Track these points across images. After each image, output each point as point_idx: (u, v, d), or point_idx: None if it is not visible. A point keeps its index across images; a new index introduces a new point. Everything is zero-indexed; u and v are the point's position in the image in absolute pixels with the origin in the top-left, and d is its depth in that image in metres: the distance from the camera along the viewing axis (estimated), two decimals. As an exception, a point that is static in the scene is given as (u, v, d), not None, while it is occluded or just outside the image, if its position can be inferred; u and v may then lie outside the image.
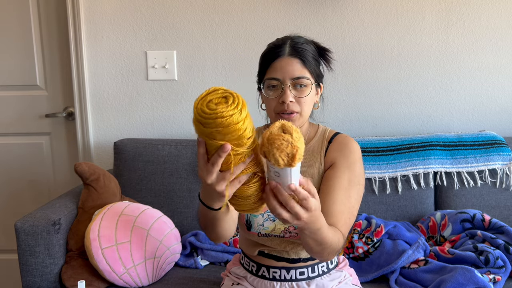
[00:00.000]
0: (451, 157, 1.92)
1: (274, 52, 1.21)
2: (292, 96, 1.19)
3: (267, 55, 1.24)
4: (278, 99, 1.20)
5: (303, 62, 1.20)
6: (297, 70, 1.19)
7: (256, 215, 1.25)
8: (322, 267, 1.29)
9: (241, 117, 0.84)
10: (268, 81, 1.21)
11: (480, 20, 2.05)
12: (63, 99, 2.29)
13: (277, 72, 1.20)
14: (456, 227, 1.77)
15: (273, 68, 1.21)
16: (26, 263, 1.61)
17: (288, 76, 1.19)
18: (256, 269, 1.31)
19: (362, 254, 1.72)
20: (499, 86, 2.10)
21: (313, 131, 1.33)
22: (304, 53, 1.21)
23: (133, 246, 1.60)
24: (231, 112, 0.83)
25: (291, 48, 1.20)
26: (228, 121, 0.82)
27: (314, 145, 1.30)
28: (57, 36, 2.25)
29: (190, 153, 2.00)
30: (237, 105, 0.84)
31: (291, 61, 1.19)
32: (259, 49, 2.14)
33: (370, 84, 2.13)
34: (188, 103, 2.20)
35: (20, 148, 2.33)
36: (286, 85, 1.19)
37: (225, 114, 0.82)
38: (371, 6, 2.08)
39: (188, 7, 2.13)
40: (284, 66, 1.19)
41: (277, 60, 1.20)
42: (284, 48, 1.21)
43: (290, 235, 1.24)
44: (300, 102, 1.20)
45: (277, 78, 1.19)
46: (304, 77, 1.19)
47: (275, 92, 1.21)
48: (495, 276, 1.52)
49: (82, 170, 1.75)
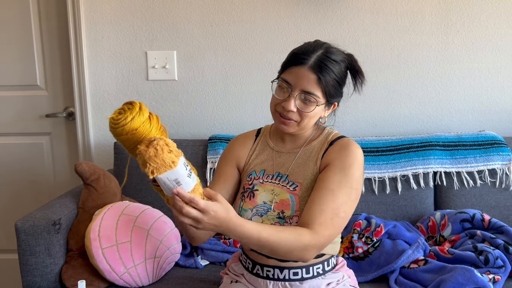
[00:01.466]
0: (450, 157, 1.92)
1: (299, 57, 1.19)
2: (295, 106, 1.19)
3: (293, 57, 1.22)
4: (282, 101, 1.21)
5: (319, 80, 1.17)
6: (310, 85, 1.17)
7: (246, 210, 1.27)
8: (317, 268, 1.28)
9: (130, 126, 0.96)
10: (281, 81, 1.21)
11: (480, 20, 2.06)
12: (63, 99, 2.29)
13: (291, 77, 1.19)
14: (456, 227, 1.77)
15: (290, 71, 1.20)
16: (26, 263, 1.61)
17: (299, 86, 1.18)
18: (252, 267, 1.32)
19: (362, 254, 1.72)
20: (499, 86, 2.10)
21: (317, 133, 1.33)
22: (326, 71, 1.18)
23: (133, 246, 1.60)
24: (123, 122, 0.96)
25: (316, 61, 1.17)
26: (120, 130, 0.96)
27: (314, 146, 1.30)
28: (57, 36, 2.25)
29: (190, 153, 2.00)
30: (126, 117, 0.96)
31: (307, 74, 1.17)
32: (259, 49, 2.16)
33: (370, 84, 2.12)
34: (188, 103, 2.20)
35: (20, 148, 2.34)
36: (293, 94, 1.18)
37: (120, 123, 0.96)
38: (371, 6, 2.08)
39: (188, 7, 2.13)
40: (300, 76, 1.18)
41: (297, 66, 1.18)
42: (310, 58, 1.18)
43: None
44: (302, 114, 1.20)
45: (289, 83, 1.19)
46: (313, 94, 1.18)
47: (283, 94, 1.21)
48: (494, 276, 1.52)
49: (82, 170, 1.75)
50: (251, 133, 1.42)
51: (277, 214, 1.25)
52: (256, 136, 1.40)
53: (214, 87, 2.18)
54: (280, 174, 1.30)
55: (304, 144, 1.31)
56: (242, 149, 1.37)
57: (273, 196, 1.27)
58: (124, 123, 0.96)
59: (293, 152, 1.31)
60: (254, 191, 1.29)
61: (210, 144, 2.01)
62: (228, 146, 1.41)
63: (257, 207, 1.27)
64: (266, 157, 1.34)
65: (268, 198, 1.27)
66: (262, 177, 1.30)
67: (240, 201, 1.31)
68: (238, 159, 1.36)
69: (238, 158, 1.36)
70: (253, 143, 1.38)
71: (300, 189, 1.26)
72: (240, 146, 1.38)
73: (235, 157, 1.36)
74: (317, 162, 1.27)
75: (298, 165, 1.29)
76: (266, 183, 1.29)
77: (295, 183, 1.27)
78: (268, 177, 1.30)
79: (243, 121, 2.19)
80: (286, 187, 1.27)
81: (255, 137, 1.39)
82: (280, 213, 1.25)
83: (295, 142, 1.32)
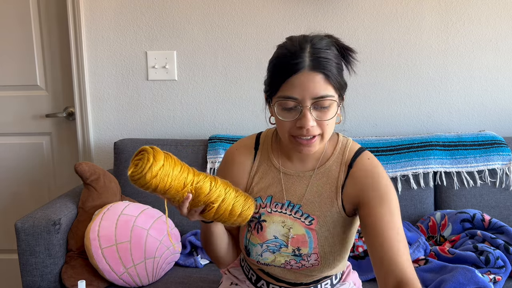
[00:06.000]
0: (450, 157, 1.92)
1: (290, 64, 0.97)
2: (313, 119, 0.98)
3: (281, 67, 0.99)
4: (295, 121, 0.99)
5: (327, 76, 0.97)
6: (320, 87, 0.97)
7: (255, 244, 1.12)
8: (325, 284, 1.19)
9: (147, 178, 0.93)
10: (283, 101, 0.99)
11: (480, 20, 2.06)
12: (63, 99, 2.29)
13: (294, 91, 0.97)
14: (456, 227, 1.77)
15: (289, 84, 0.97)
16: (26, 263, 1.61)
17: (309, 95, 0.97)
18: (256, 280, 1.22)
19: (362, 253, 1.72)
20: (499, 86, 2.10)
21: (330, 146, 1.13)
22: (328, 64, 0.98)
23: (133, 245, 1.60)
24: (138, 176, 0.93)
25: (313, 58, 0.97)
26: (140, 183, 0.94)
27: (329, 167, 1.11)
28: (57, 36, 2.25)
29: (190, 153, 2.00)
30: (143, 167, 0.93)
31: (312, 77, 0.96)
32: (259, 49, 2.16)
33: (370, 84, 2.13)
34: (188, 103, 2.20)
35: (20, 148, 2.34)
36: (306, 107, 0.97)
37: (135, 177, 0.93)
38: (371, 6, 2.08)
39: (188, 7, 2.13)
40: (304, 83, 0.96)
41: (295, 75, 0.97)
42: (303, 59, 0.97)
43: (291, 267, 1.13)
44: (322, 124, 1.00)
45: (294, 98, 0.97)
46: (327, 95, 0.98)
47: (292, 114, 0.99)
48: (495, 276, 1.52)
49: (82, 170, 1.75)
50: (248, 143, 1.18)
51: (292, 251, 1.10)
52: (256, 149, 1.16)
53: (214, 87, 2.18)
54: (291, 203, 1.11)
55: (318, 165, 1.11)
56: (239, 172, 1.15)
57: (285, 229, 1.10)
58: (141, 175, 0.92)
59: (304, 175, 1.11)
60: (262, 222, 1.12)
61: (210, 144, 2.01)
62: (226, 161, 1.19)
63: (267, 242, 1.11)
64: (272, 180, 1.13)
65: (279, 232, 1.10)
66: (270, 206, 1.12)
67: (247, 231, 1.14)
68: (238, 185, 1.15)
69: (238, 184, 1.15)
70: (252, 160, 1.15)
71: (317, 223, 1.09)
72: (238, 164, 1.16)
73: (234, 183, 1.12)
74: (338, 195, 1.09)
75: (312, 193, 1.10)
76: (275, 213, 1.11)
77: (311, 215, 1.09)
78: (277, 206, 1.11)
79: (243, 121, 2.19)
80: (300, 220, 1.10)
81: (254, 151, 1.16)
82: (295, 250, 1.10)
83: (305, 161, 1.12)
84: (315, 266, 1.12)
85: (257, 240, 1.12)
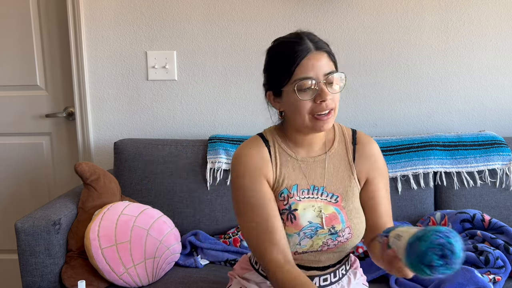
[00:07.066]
0: (451, 157, 1.92)
1: (298, 49, 1.10)
2: (329, 91, 1.11)
3: (290, 54, 1.11)
4: (313, 100, 1.11)
5: (330, 54, 1.13)
6: (327, 64, 1.12)
7: (291, 235, 1.16)
8: (341, 270, 1.27)
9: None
10: (302, 82, 1.10)
11: (480, 20, 2.06)
12: (63, 99, 2.29)
13: (309, 71, 1.10)
14: (456, 227, 1.77)
15: (302, 66, 1.10)
16: (26, 263, 1.61)
17: (321, 72, 1.10)
18: None
19: (362, 254, 1.72)
20: (499, 86, 2.10)
21: (330, 131, 1.26)
22: (326, 45, 1.15)
23: (133, 246, 1.60)
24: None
25: (314, 43, 1.12)
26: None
27: (338, 148, 1.24)
28: (57, 36, 2.25)
29: (190, 153, 2.00)
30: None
31: (319, 56, 1.11)
32: (259, 49, 2.15)
33: (370, 84, 2.13)
34: (188, 103, 2.20)
35: (20, 148, 2.34)
36: (321, 82, 1.10)
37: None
38: (371, 6, 2.08)
39: (188, 7, 2.13)
40: (315, 63, 1.10)
41: (306, 57, 1.10)
42: (307, 44, 1.11)
43: (328, 247, 1.19)
44: (335, 98, 1.13)
45: (310, 77, 1.10)
46: (333, 71, 1.12)
47: (309, 94, 1.11)
48: (495, 276, 1.52)
49: (82, 170, 1.75)
50: (257, 142, 1.22)
51: (328, 230, 1.17)
52: (267, 146, 1.22)
53: (214, 87, 2.18)
54: (315, 187, 1.20)
55: (328, 148, 1.23)
56: (264, 164, 1.19)
57: (316, 212, 1.17)
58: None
59: (319, 159, 1.22)
60: (293, 211, 1.16)
61: (210, 144, 2.00)
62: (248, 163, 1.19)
63: (304, 229, 1.16)
64: (292, 169, 1.20)
65: (312, 216, 1.17)
66: (297, 194, 1.18)
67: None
68: (267, 176, 1.19)
69: (267, 175, 1.19)
70: (269, 154, 1.20)
71: (342, 200, 1.19)
72: (261, 159, 1.19)
73: (264, 174, 1.18)
74: (353, 170, 1.23)
75: (331, 174, 1.21)
76: (303, 200, 1.18)
77: (335, 194, 1.20)
78: (303, 193, 1.19)
79: (243, 121, 2.19)
80: (327, 200, 1.19)
81: (266, 147, 1.21)
82: (331, 229, 1.17)
83: (313, 146, 1.22)
84: (349, 239, 1.20)
85: (292, 230, 1.16)
